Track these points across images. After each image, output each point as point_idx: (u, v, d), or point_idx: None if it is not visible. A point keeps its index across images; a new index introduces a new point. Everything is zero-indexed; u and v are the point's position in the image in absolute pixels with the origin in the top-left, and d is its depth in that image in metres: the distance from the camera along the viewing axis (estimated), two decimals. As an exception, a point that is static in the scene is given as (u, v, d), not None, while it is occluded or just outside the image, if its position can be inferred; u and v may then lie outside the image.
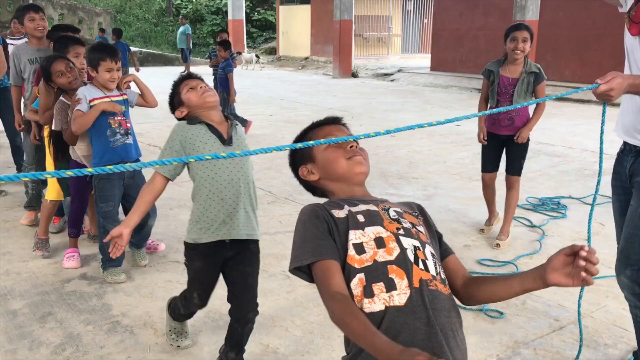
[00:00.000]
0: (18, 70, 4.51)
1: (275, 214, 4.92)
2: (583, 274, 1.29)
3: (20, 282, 3.60)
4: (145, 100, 3.81)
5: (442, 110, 11.17)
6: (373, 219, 1.51)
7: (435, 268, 1.47)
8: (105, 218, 3.58)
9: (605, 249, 4.13)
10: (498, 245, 4.17)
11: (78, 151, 3.72)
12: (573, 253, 1.33)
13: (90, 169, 1.13)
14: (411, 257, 1.44)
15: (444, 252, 1.61)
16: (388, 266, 1.41)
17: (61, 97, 3.72)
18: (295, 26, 24.33)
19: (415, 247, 1.47)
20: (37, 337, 2.96)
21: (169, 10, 26.86)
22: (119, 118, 3.53)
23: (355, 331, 1.30)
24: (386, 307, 1.37)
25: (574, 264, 1.31)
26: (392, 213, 1.55)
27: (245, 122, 8.47)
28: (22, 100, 4.65)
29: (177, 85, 2.56)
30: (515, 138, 4.10)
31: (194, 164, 2.42)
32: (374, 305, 1.38)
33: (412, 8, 23.86)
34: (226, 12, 23.88)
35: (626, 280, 2.45)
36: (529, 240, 4.36)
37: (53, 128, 3.72)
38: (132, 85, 3.82)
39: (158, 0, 27.04)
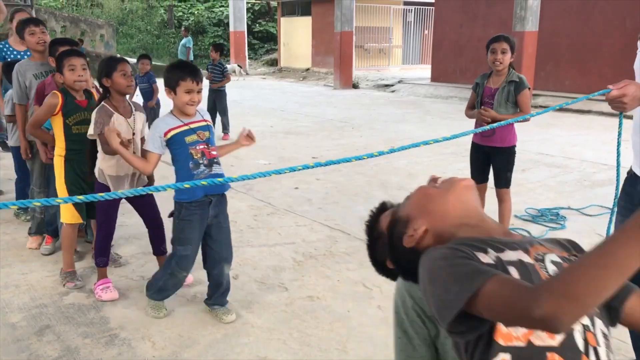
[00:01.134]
0: (23, 88, 4.21)
1: (275, 225, 4.93)
2: None
3: (19, 295, 3.60)
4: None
5: (442, 121, 11.19)
6: (529, 276, 1.13)
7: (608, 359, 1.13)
8: (179, 263, 3.13)
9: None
10: (496, 256, 4.16)
11: (106, 170, 3.45)
12: None
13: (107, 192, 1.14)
14: (580, 345, 1.10)
15: (620, 294, 1.23)
16: (547, 354, 1.09)
17: (104, 103, 3.41)
18: (296, 38, 24.45)
19: (584, 327, 1.13)
20: (34, 351, 2.96)
21: (170, 22, 27.01)
22: (201, 147, 3.04)
23: (601, 262, 0.92)
24: None
25: None
26: (549, 266, 1.19)
27: None
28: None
29: (372, 230, 1.51)
30: (482, 109, 4.07)
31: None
32: None
33: (413, 19, 23.95)
34: (228, 23, 24.02)
35: None
36: (528, 251, 4.36)
37: (90, 133, 3.37)
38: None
39: (160, 12, 27.20)
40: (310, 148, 8.37)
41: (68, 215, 3.73)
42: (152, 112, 8.76)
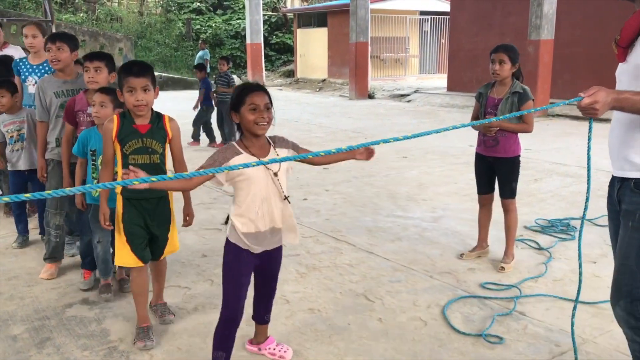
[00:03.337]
0: (44, 105, 4.03)
1: (281, 237, 4.91)
2: None
3: (23, 307, 3.63)
4: None
5: (457, 131, 11.07)
6: None
7: None
8: None
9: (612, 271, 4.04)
10: (502, 268, 4.10)
11: (241, 226, 2.59)
12: None
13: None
14: None
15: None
16: None
17: (234, 142, 2.63)
18: (312, 49, 24.54)
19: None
20: (33, 363, 2.98)
21: (188, 35, 27.27)
22: None
23: None
24: None
25: None
26: None
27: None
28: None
29: None
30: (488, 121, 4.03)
31: None
32: None
33: (429, 29, 23.89)
34: (245, 36, 24.19)
35: (621, 312, 2.34)
36: (535, 263, 4.29)
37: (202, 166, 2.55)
38: None
39: (178, 26, 27.48)
40: (322, 159, 8.35)
41: (123, 258, 3.15)
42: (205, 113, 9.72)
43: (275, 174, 2.60)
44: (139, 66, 3.07)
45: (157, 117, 3.15)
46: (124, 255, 3.14)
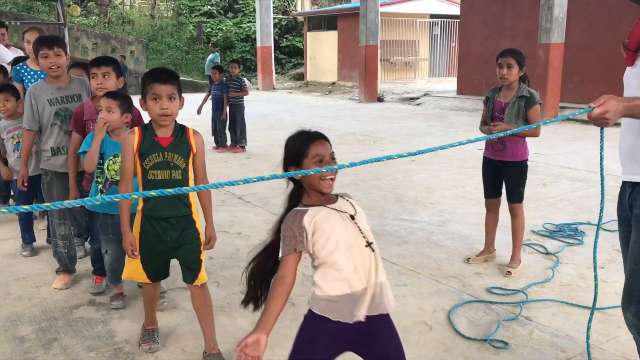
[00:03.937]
0: (35, 113, 3.80)
1: (287, 240, 4.92)
2: None
3: (31, 307, 3.66)
4: None
5: (466, 134, 11.06)
6: None
7: None
8: None
9: (621, 277, 4.01)
10: (509, 272, 4.09)
11: (330, 289, 2.05)
12: None
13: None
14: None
15: None
16: None
17: (298, 209, 2.12)
18: (322, 52, 24.59)
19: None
20: (40, 364, 3.01)
21: (199, 38, 27.44)
22: None
23: None
24: None
25: None
26: None
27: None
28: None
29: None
30: (492, 125, 4.04)
31: None
32: None
33: (439, 32, 23.88)
34: (255, 39, 24.29)
35: (631, 317, 2.31)
36: (542, 268, 4.27)
37: (280, 256, 2.14)
38: None
39: (189, 29, 27.65)
40: (330, 162, 8.36)
41: (132, 273, 3.00)
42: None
43: (352, 217, 2.09)
44: (165, 73, 2.83)
45: (180, 130, 2.88)
46: (133, 270, 2.98)
